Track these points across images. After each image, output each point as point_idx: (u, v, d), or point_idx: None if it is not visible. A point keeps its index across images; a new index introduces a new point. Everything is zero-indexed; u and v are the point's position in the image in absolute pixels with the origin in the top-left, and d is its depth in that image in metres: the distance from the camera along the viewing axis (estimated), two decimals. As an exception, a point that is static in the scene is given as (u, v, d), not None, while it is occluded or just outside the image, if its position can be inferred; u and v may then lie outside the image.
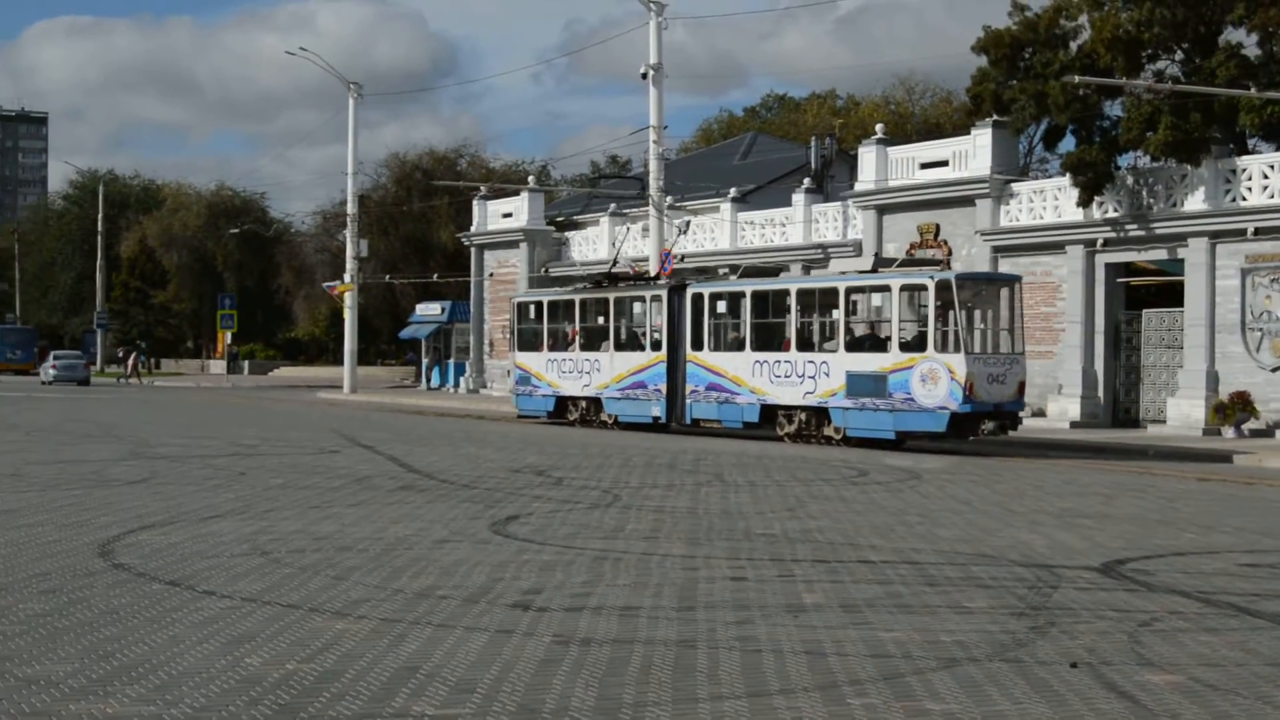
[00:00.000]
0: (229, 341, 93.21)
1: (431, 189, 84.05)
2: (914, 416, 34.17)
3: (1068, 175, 42.95)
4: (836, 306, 36.33)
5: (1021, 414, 35.51)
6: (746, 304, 39.03)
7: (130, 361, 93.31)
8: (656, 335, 41.72)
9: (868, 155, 50.44)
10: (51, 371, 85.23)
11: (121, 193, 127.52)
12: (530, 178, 78.33)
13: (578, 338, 44.80)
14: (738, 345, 39.27)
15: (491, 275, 70.74)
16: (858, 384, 35.16)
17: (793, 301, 37.60)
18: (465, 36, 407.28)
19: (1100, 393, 43.53)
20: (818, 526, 18.34)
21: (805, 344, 37.38)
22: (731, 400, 39.01)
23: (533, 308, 47.57)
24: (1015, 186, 46.35)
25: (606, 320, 43.79)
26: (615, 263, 50.08)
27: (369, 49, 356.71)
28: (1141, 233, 42.04)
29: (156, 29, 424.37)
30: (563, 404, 45.65)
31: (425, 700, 9.10)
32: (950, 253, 47.35)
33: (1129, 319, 43.76)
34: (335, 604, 12.31)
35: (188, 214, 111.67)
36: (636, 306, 43.27)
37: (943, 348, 33.67)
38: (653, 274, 47.05)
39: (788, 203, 55.52)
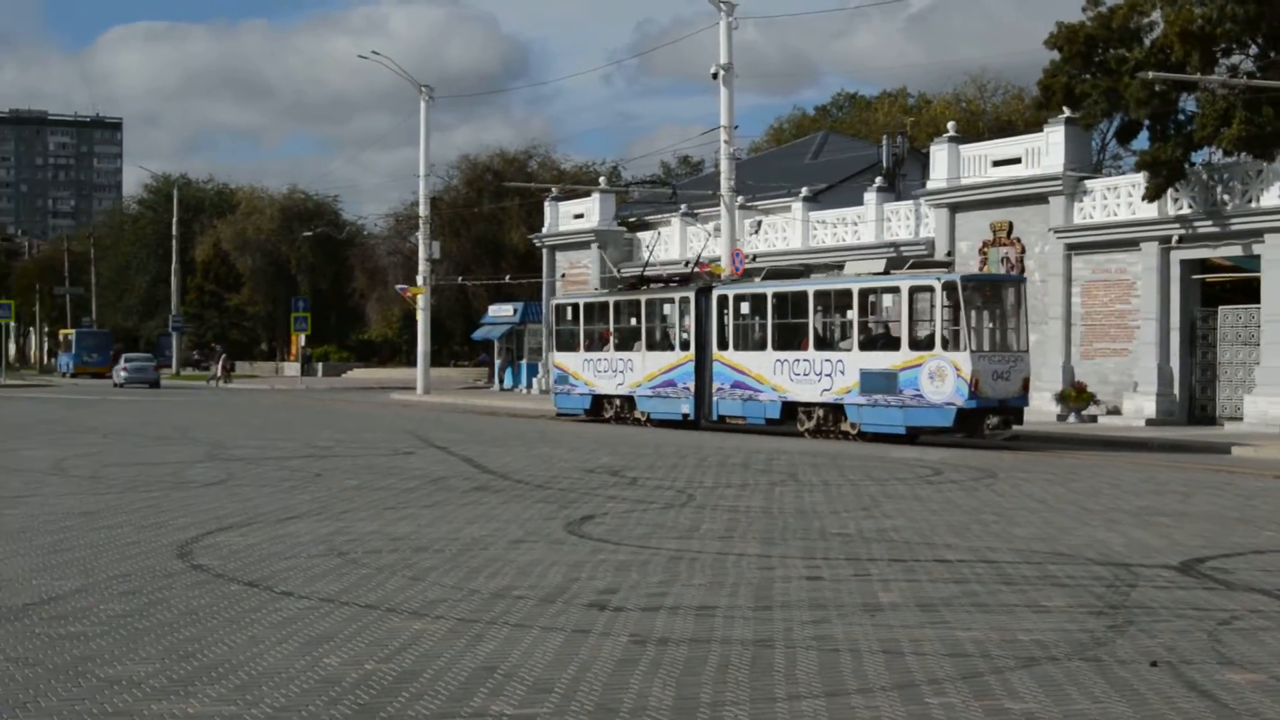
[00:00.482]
0: (303, 344, 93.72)
1: (503, 190, 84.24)
2: (923, 412, 35.59)
3: (1141, 172, 42.66)
4: (851, 307, 37.75)
5: (1026, 409, 36.70)
6: (768, 305, 40.44)
7: (220, 363, 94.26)
8: (685, 335, 43.19)
9: (940, 153, 50.27)
10: (123, 374, 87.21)
11: (195, 197, 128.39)
12: (601, 179, 78.39)
13: (612, 338, 46.26)
14: (760, 345, 40.64)
15: (563, 276, 70.84)
16: (870, 381, 36.56)
17: (810, 303, 38.97)
18: (536, 38, 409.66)
19: (1176, 390, 43.20)
20: (893, 525, 18.29)
21: (822, 343, 38.75)
22: (755, 398, 40.47)
23: (570, 309, 49.33)
24: (1089, 183, 46.07)
25: (639, 321, 45.25)
26: (647, 265, 52.44)
27: (441, 51, 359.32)
28: (1216, 229, 41.73)
29: (231, 33, 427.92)
30: (599, 402, 47.15)
31: (503, 700, 9.13)
32: (1024, 250, 47.15)
33: (1205, 315, 43.40)
34: (412, 604, 12.36)
35: (261, 217, 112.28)
36: (666, 308, 44.74)
37: (949, 346, 34.92)
38: (725, 273, 47.11)
39: (859, 202, 55.39)
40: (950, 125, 52.86)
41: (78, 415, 46.79)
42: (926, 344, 35.45)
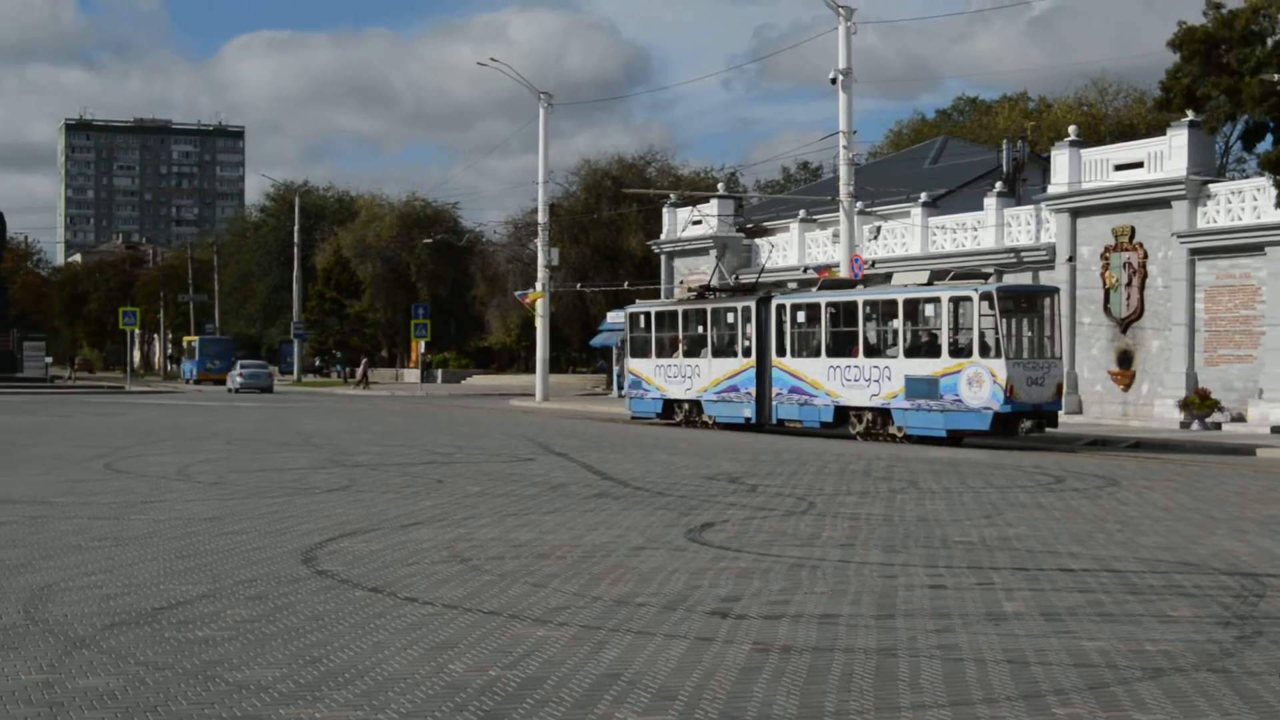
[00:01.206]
0: (423, 350, 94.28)
1: (621, 196, 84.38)
2: (962, 416, 37.58)
3: (1266, 175, 42.11)
4: (897, 316, 39.89)
5: (1060, 413, 38.65)
6: (823, 314, 42.30)
7: (363, 370, 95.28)
8: (747, 343, 45.07)
9: (1060, 157, 49.94)
10: (238, 379, 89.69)
11: (316, 204, 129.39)
12: (719, 184, 78.38)
13: (681, 345, 48.35)
14: (815, 352, 42.59)
15: (682, 283, 70.85)
16: (914, 387, 38.63)
17: (860, 312, 40.89)
18: (656, 44, 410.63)
19: (1302, 397, 42.61)
20: (1016, 534, 18.17)
21: (871, 350, 40.71)
22: (810, 402, 42.47)
23: (643, 318, 51.14)
24: (1212, 187, 45.59)
25: (705, 329, 47.46)
26: (715, 274, 54.70)
27: (561, 57, 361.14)
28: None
29: (353, 41, 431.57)
30: (669, 406, 49.39)
31: (627, 707, 9.16)
32: (1146, 255, 46.74)
33: (1333, 321, 42.81)
34: (535, 611, 12.42)
35: (381, 225, 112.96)
36: (730, 316, 46.21)
37: (986, 354, 36.88)
38: (845, 278, 47.11)
39: (979, 206, 55.10)
40: (1071, 129, 52.52)
41: (202, 421, 47.30)
42: (965, 351, 37.54)
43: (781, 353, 43.54)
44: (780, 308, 43.70)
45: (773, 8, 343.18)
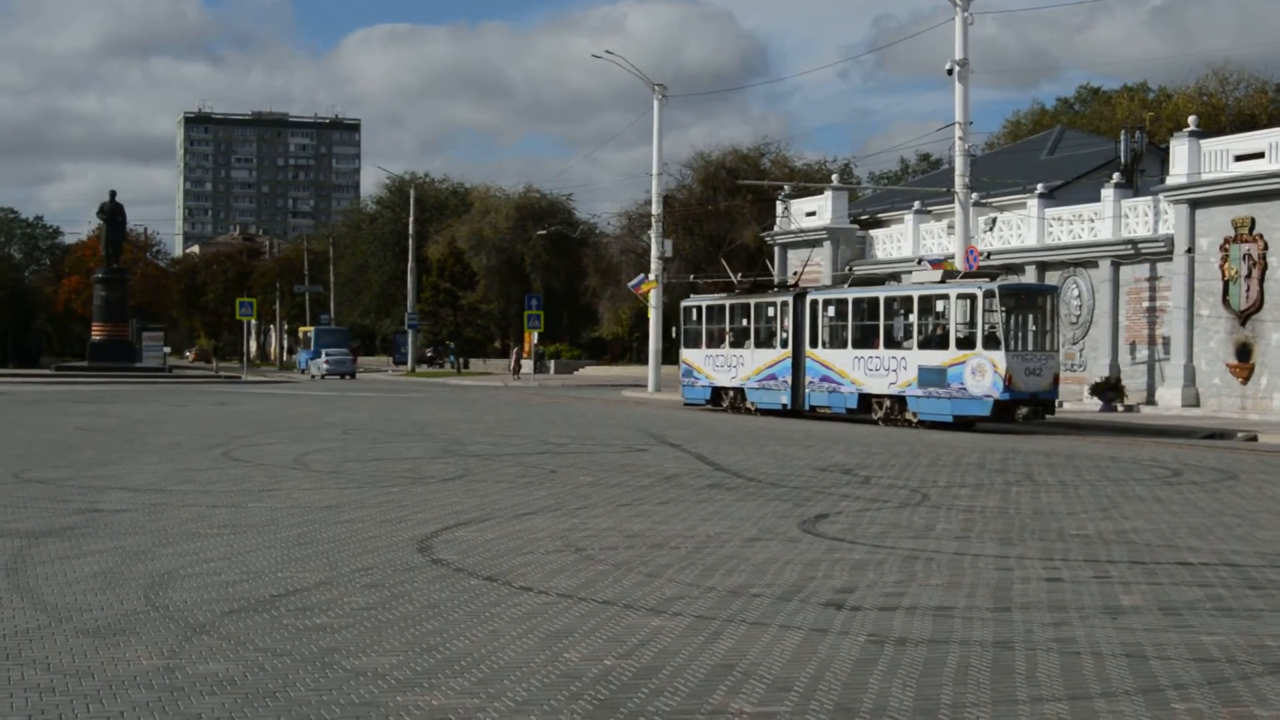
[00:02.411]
0: (535, 341, 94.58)
1: (735, 188, 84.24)
2: (966, 403, 40.81)
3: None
4: (912, 311, 43.38)
5: (1054, 402, 41.52)
6: (849, 309, 46.02)
7: (515, 359, 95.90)
8: (784, 335, 48.68)
9: (1180, 148, 49.37)
10: (324, 366, 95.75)
11: (432, 196, 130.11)
12: (834, 176, 78.10)
13: (728, 337, 52.02)
14: (843, 344, 45.99)
15: (795, 274, 70.68)
16: (925, 376, 42.00)
17: (881, 307, 44.78)
18: (774, 35, 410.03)
19: None
20: (1132, 527, 18.00)
21: (891, 343, 43.94)
22: (838, 390, 45.99)
23: (695, 311, 54.82)
24: (1337, 178, 44.93)
25: (749, 322, 51.14)
26: (764, 273, 58.19)
27: (678, 49, 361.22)
28: None
29: (471, 34, 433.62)
30: (717, 393, 52.93)
31: (743, 698, 9.16)
32: (1266, 247, 46.14)
33: None
34: (650, 601, 12.44)
35: (496, 216, 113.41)
36: (770, 310, 50.01)
37: (988, 346, 40.05)
38: (959, 271, 47.04)
39: (1096, 198, 54.55)
40: (1191, 119, 51.89)
41: (317, 411, 47.67)
42: (970, 344, 40.62)
43: (814, 344, 47.08)
44: (814, 303, 47.32)
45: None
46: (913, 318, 43.36)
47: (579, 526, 17.36)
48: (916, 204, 65.28)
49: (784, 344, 48.54)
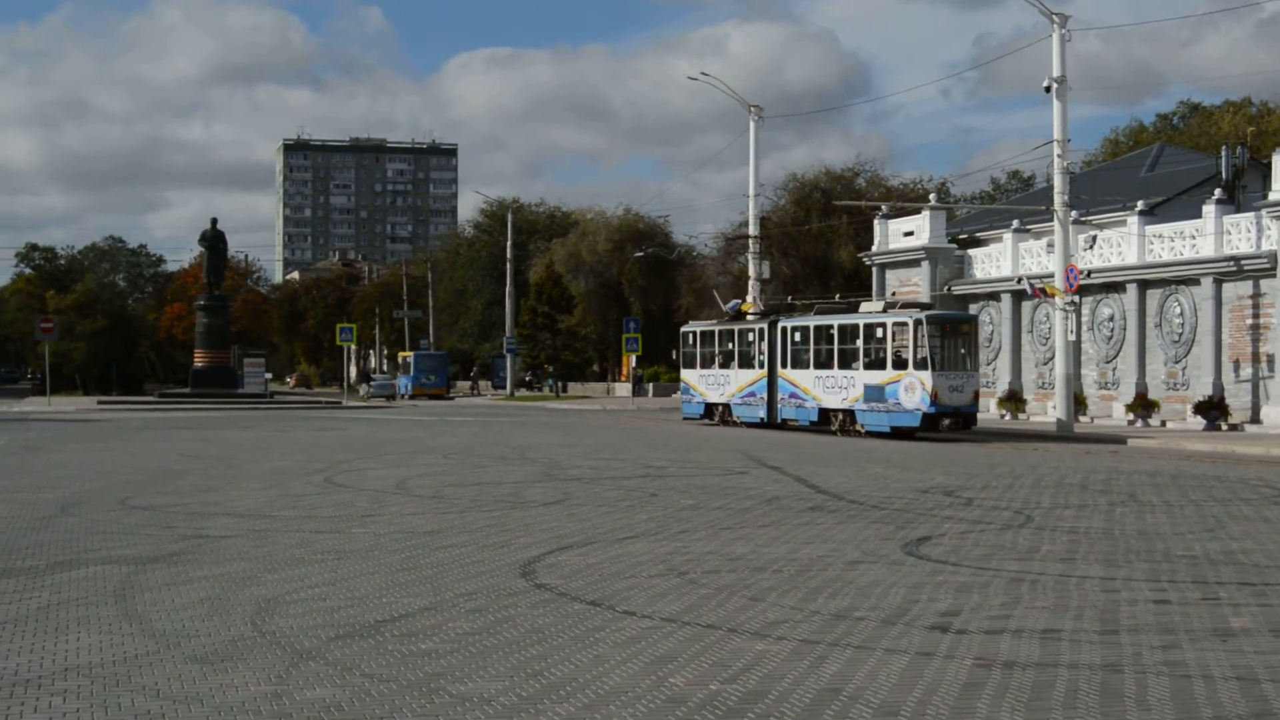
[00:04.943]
0: (634, 364, 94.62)
1: (830, 208, 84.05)
2: (900, 415, 47.28)
3: None
4: (859, 337, 49.73)
5: (975, 415, 48.03)
6: (811, 335, 52.59)
7: (633, 380, 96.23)
8: (761, 357, 55.54)
9: (1282, 163, 48.83)
10: (370, 389, 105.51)
11: (529, 220, 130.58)
12: (931, 195, 77.79)
13: (717, 359, 59.09)
14: (806, 364, 52.67)
15: (894, 294, 70.50)
16: (869, 392, 48.72)
17: (835, 333, 51.13)
18: (877, 54, 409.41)
19: None
20: (1240, 548, 17.82)
21: (844, 364, 50.47)
22: (803, 405, 52.72)
23: (691, 336, 62.05)
24: None
25: (733, 346, 58.13)
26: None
27: (780, 69, 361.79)
28: None
29: (572, 57, 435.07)
30: (709, 409, 59.78)
31: (849, 722, 9.12)
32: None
33: None
34: (753, 625, 12.41)
35: (594, 239, 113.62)
36: (750, 335, 56.95)
37: (918, 367, 46.58)
38: (1059, 289, 46.92)
39: (1197, 215, 53.99)
40: (1293, 134, 51.36)
41: (417, 436, 47.89)
42: (903, 365, 47.17)
43: (785, 365, 54.02)
44: (784, 329, 54.27)
45: (995, 14, 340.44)
46: (859, 342, 49.68)
47: (681, 550, 17.35)
48: (1015, 222, 64.89)
49: (761, 365, 55.47)
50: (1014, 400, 61.62)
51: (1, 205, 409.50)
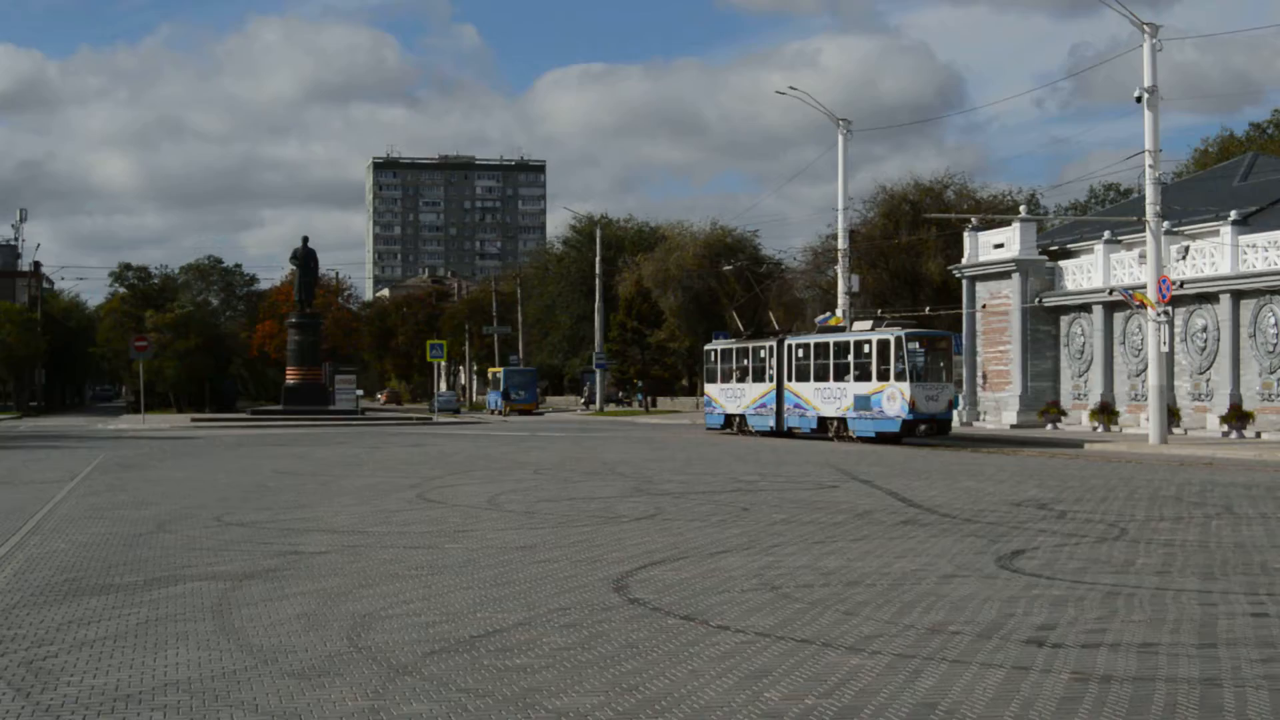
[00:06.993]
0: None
1: (919, 221, 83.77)
2: (884, 422, 52.69)
3: None
4: (850, 352, 55.24)
5: (950, 421, 53.32)
6: (812, 350, 58.32)
7: None
8: (771, 372, 61.34)
9: (1377, 171, 48.36)
10: (438, 404, 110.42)
11: (617, 235, 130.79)
12: (1021, 207, 77.39)
13: (734, 374, 64.98)
14: (807, 378, 58.33)
15: (984, 307, 70.17)
16: (858, 402, 54.17)
17: (831, 349, 56.83)
18: (971, 65, 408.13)
19: None
20: (1340, 560, 17.62)
21: (838, 377, 55.95)
22: (805, 414, 58.57)
23: (713, 354, 67.97)
24: None
25: (749, 362, 63.76)
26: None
27: (873, 82, 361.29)
28: None
29: (665, 71, 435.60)
30: (728, 419, 65.57)
31: (946, 737, 9.09)
32: None
33: None
34: (848, 639, 12.39)
35: (683, 254, 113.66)
36: (761, 352, 62.54)
37: (899, 379, 51.91)
38: (1151, 299, 46.51)
39: (1292, 224, 53.53)
40: (1388, 142, 50.84)
41: (508, 452, 48.00)
42: (886, 377, 52.57)
43: (790, 379, 59.69)
44: (790, 346, 60.06)
45: (1091, 24, 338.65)
46: (850, 357, 55.11)
47: (773, 564, 17.33)
48: (1106, 233, 64.53)
49: (770, 379, 61.32)
50: (1106, 412, 61.25)
51: (99, 225, 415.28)
